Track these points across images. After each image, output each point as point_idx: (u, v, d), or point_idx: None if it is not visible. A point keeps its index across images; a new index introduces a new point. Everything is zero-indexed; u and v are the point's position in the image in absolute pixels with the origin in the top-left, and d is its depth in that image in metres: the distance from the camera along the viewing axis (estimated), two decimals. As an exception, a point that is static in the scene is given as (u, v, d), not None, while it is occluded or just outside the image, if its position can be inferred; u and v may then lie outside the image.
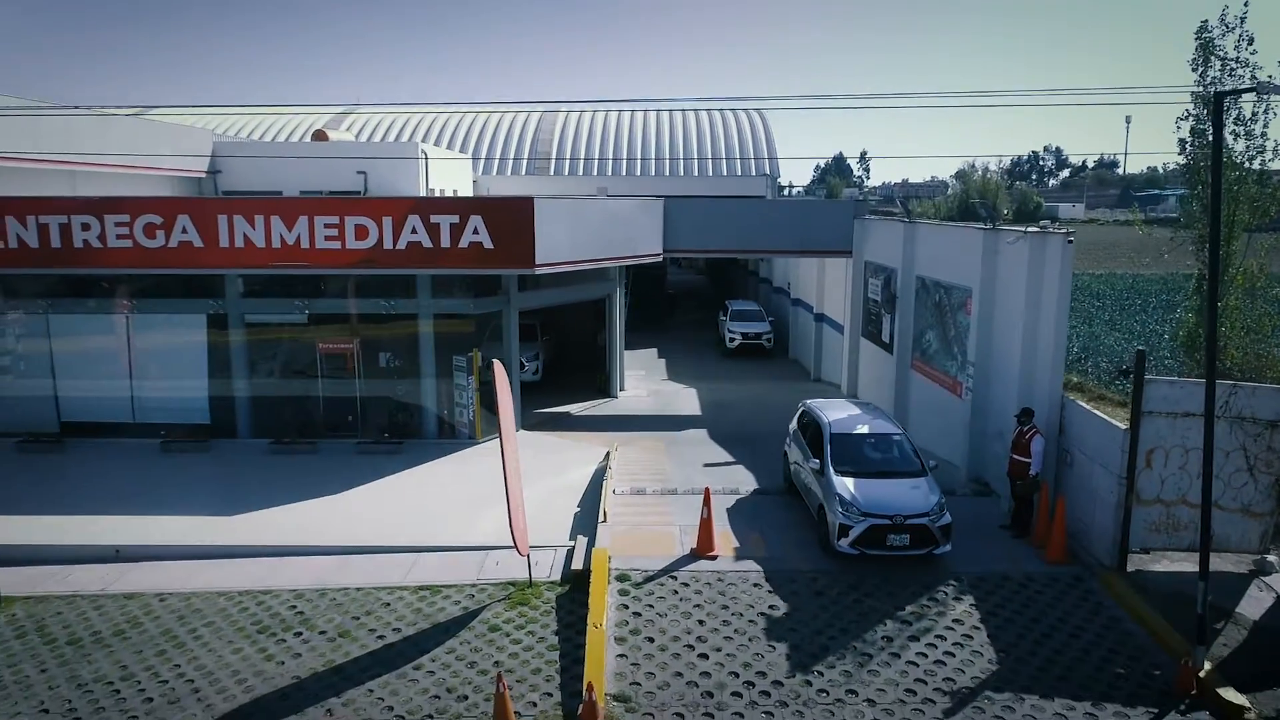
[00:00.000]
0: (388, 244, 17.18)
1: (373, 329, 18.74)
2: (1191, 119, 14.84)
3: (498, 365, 11.82)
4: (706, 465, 16.90)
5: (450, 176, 33.23)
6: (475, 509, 14.70)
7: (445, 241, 17.19)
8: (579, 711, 9.14)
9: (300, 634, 11.04)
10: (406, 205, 17.59)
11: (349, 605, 11.69)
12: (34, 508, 14.67)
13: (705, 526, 12.51)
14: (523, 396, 20.32)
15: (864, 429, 13.92)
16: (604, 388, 23.69)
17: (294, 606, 11.69)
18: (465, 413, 18.89)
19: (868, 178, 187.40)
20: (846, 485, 12.61)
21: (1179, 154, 15.74)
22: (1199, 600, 9.72)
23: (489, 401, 19.13)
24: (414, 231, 17.17)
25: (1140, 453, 11.64)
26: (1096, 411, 12.56)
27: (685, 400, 23.44)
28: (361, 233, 17.16)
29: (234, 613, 11.58)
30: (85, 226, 17.19)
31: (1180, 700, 9.48)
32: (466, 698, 9.71)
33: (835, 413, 14.44)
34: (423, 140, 39.82)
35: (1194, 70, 14.51)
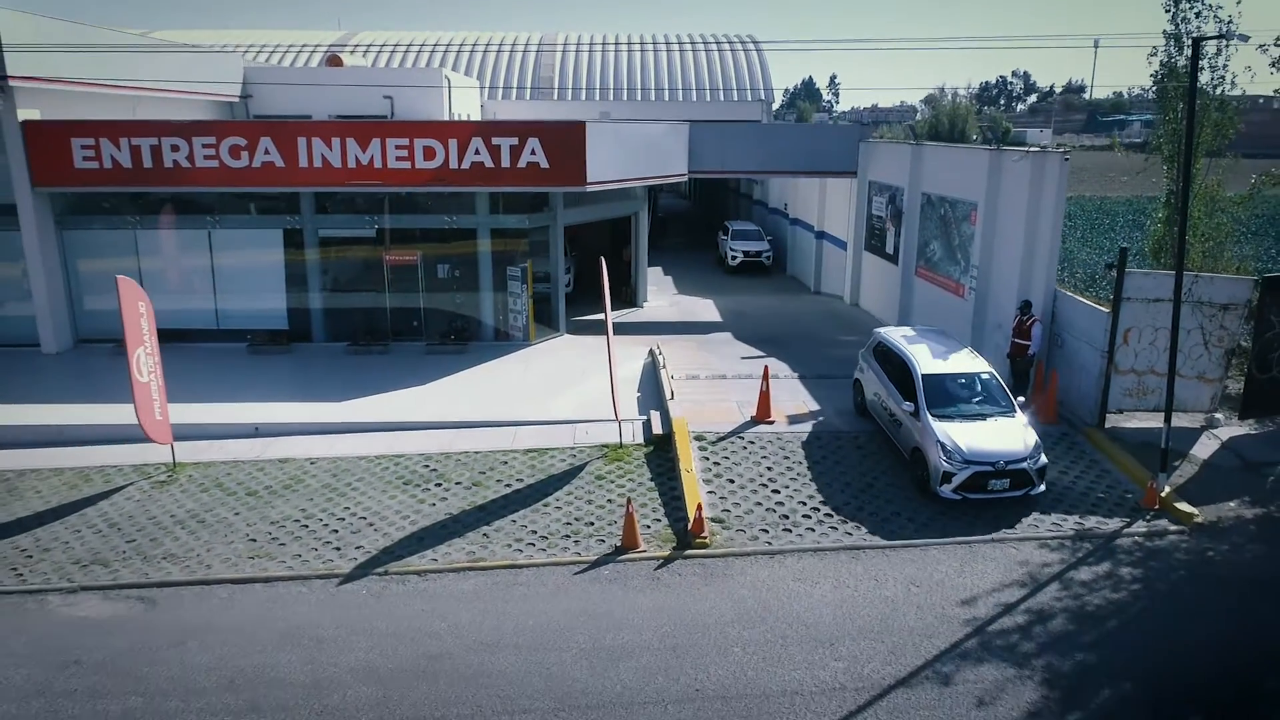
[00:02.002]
0: (453, 164, 19.05)
1: (434, 242, 20.67)
2: (1163, 54, 17.16)
3: (602, 261, 14.02)
4: (744, 358, 19.39)
5: (464, 102, 34.54)
6: (551, 393, 17.10)
7: (505, 162, 19.11)
8: (689, 527, 11.73)
9: (440, 485, 13.45)
10: (471, 128, 19.43)
11: (473, 464, 14.10)
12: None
13: (764, 398, 15.05)
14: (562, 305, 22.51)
15: (953, 368, 13.59)
16: (630, 299, 25.92)
17: (427, 465, 14.07)
18: (519, 318, 21.08)
19: (837, 102, 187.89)
20: (947, 432, 12.48)
21: (1151, 86, 18.12)
22: (1163, 438, 12.55)
23: (540, 309, 21.37)
24: (477, 152, 19.04)
25: (1119, 332, 14.34)
26: (1085, 300, 15.19)
27: (704, 309, 25.77)
28: (429, 154, 19.00)
29: (377, 471, 13.94)
30: (175, 148, 18.85)
31: (1146, 512, 12.37)
32: (593, 524, 12.25)
33: (918, 348, 14.05)
34: (426, 64, 40.88)
35: (1166, 11, 16.77)
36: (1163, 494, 12.48)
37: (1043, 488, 12.54)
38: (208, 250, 20.46)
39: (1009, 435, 12.53)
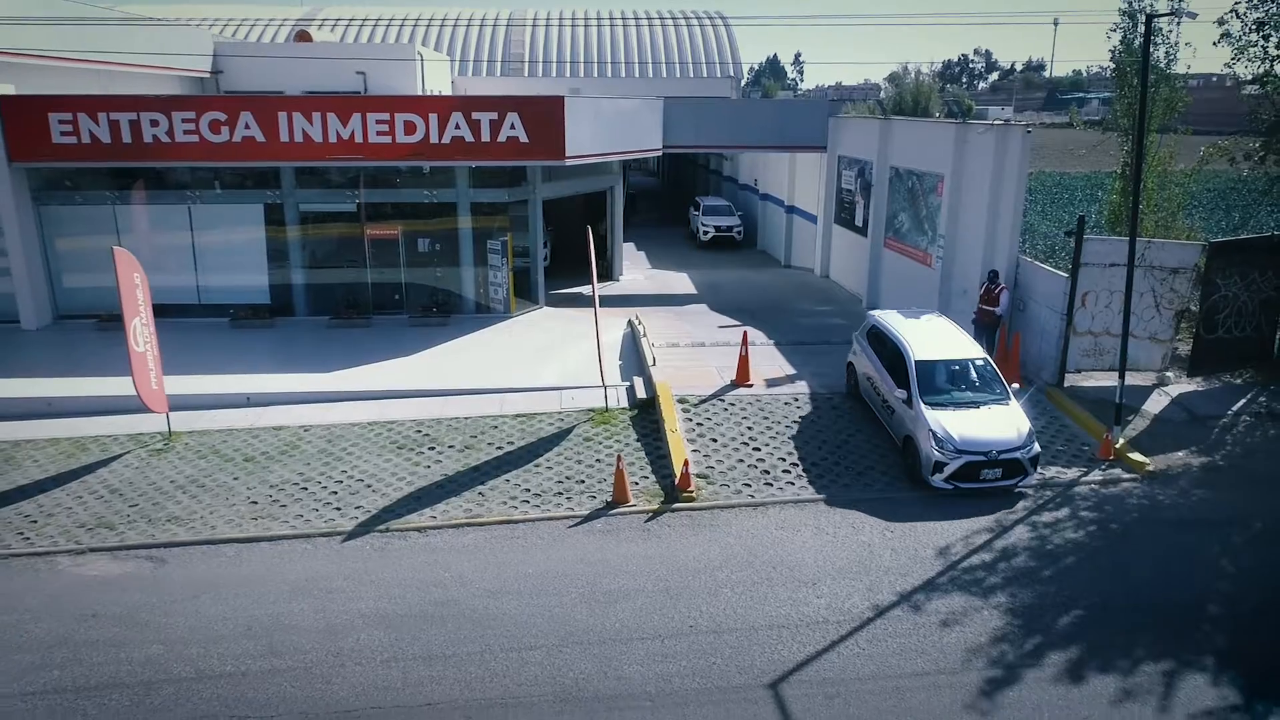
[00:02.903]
0: (434, 139, 19.30)
1: (415, 217, 20.92)
2: (1120, 30, 18.00)
3: (590, 230, 14.49)
4: (720, 327, 20.02)
5: (436, 77, 34.56)
6: (536, 362, 17.59)
7: (485, 136, 19.41)
8: (676, 482, 12.35)
9: (433, 449, 13.92)
10: (451, 103, 19.70)
11: (464, 429, 14.57)
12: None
13: (743, 362, 15.68)
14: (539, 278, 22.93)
15: (946, 355, 13.39)
16: (606, 272, 26.37)
17: (419, 431, 14.52)
18: (500, 290, 21.47)
19: (801, 80, 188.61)
20: (939, 420, 12.28)
21: (1110, 62, 18.96)
22: (1118, 394, 13.41)
23: (519, 282, 21.77)
24: (457, 127, 19.31)
25: (1077, 295, 15.17)
26: (1046, 266, 16.00)
27: (679, 282, 26.33)
28: (410, 128, 19.24)
29: (371, 437, 14.36)
30: (154, 123, 18.88)
31: (1102, 462, 13.25)
32: (583, 481, 12.82)
33: (912, 333, 13.83)
34: (395, 39, 40.71)
35: None
36: (1117, 445, 13.37)
37: (1035, 476, 12.38)
38: (188, 225, 20.53)
39: (1002, 424, 12.41)
